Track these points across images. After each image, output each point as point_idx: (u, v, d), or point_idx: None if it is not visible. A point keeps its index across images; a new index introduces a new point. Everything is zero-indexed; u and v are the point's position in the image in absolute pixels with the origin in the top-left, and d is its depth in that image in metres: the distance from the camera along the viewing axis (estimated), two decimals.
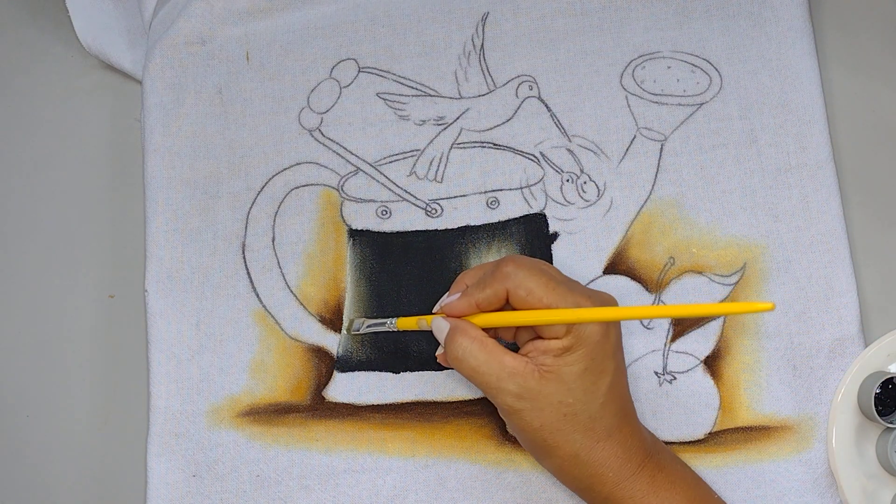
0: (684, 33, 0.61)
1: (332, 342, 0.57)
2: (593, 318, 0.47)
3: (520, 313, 0.48)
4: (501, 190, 0.59)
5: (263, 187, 0.59)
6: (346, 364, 0.57)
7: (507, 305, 0.49)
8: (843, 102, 0.62)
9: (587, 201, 0.59)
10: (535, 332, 0.49)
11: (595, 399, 0.48)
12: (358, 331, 0.57)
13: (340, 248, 0.59)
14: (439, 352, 0.52)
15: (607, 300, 0.50)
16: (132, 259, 0.60)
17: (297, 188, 0.59)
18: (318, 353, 0.57)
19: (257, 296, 0.58)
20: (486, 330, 0.50)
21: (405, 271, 0.58)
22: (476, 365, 0.48)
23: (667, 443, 0.56)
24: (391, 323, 0.54)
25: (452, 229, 0.59)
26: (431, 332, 0.51)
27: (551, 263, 0.58)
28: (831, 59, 0.62)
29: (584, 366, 0.48)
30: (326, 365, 0.57)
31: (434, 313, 0.52)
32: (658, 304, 0.58)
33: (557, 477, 0.51)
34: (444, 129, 0.60)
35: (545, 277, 0.48)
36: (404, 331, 0.55)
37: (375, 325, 0.55)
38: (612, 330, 0.49)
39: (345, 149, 0.60)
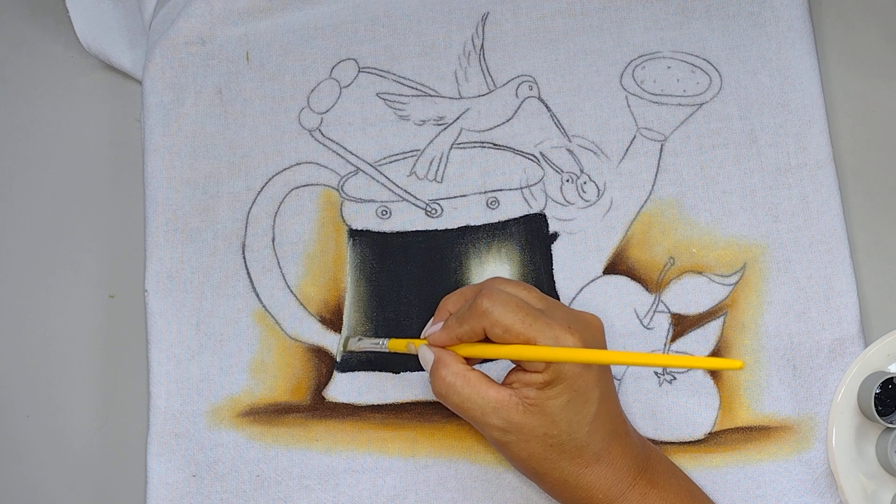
0: (684, 33, 0.61)
1: (332, 342, 0.57)
2: (569, 358, 0.46)
3: (500, 347, 0.48)
4: (501, 190, 0.59)
5: (263, 187, 0.59)
6: (347, 364, 0.57)
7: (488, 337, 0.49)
8: (843, 102, 0.62)
9: (587, 201, 0.59)
10: (518, 363, 0.49)
11: (581, 428, 0.48)
12: (353, 349, 0.57)
13: (340, 248, 0.59)
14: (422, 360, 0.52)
15: (588, 325, 0.49)
16: (132, 259, 0.60)
17: (297, 188, 0.59)
18: (318, 353, 0.57)
19: (257, 296, 0.58)
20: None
21: (405, 271, 0.58)
22: (460, 401, 0.49)
23: (666, 443, 0.56)
24: (383, 344, 0.55)
25: (452, 229, 0.59)
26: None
27: (551, 264, 0.58)
28: (831, 59, 0.62)
29: (568, 398, 0.47)
30: (326, 365, 0.57)
31: (423, 338, 0.52)
32: (658, 304, 0.58)
33: (552, 497, 0.51)
34: (444, 129, 0.60)
35: (522, 312, 0.47)
36: (395, 352, 0.55)
37: (370, 344, 0.56)
38: None
39: (345, 149, 0.60)
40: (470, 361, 0.51)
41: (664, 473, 0.51)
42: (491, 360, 0.56)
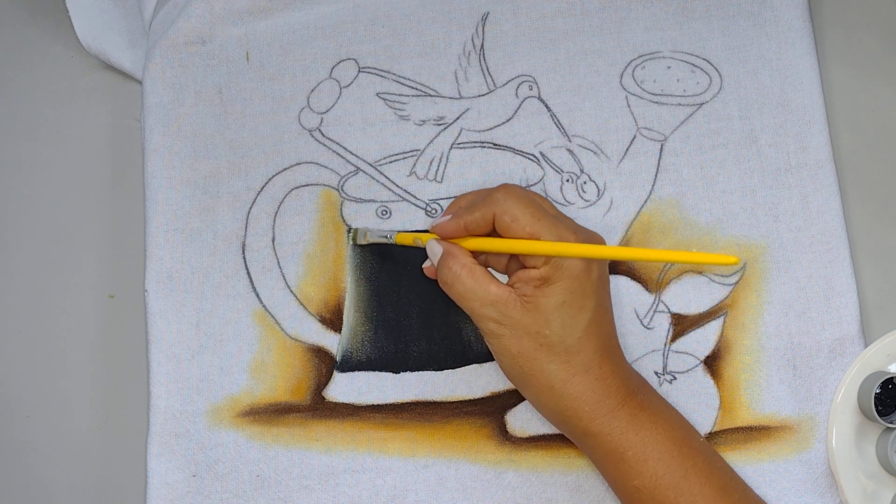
0: (684, 33, 0.61)
1: (332, 342, 0.57)
2: (568, 252, 0.48)
3: (502, 241, 0.49)
4: None
5: (263, 187, 0.59)
6: (347, 364, 0.57)
7: (495, 231, 0.50)
8: (843, 102, 0.62)
9: (587, 201, 0.59)
10: (521, 263, 0.50)
11: (572, 333, 0.49)
12: (362, 243, 0.58)
13: (340, 248, 0.59)
14: (427, 265, 0.54)
15: (593, 237, 0.50)
16: (132, 259, 0.60)
17: (297, 188, 0.59)
18: (318, 353, 0.57)
19: (257, 296, 0.58)
20: (476, 256, 0.51)
21: (405, 271, 0.58)
22: (463, 290, 0.50)
23: None
24: (391, 236, 0.56)
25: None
26: (426, 250, 0.53)
27: None
28: (831, 59, 0.62)
29: (562, 299, 0.49)
30: (326, 365, 0.57)
31: (429, 231, 0.53)
32: (658, 304, 0.58)
33: (536, 408, 0.52)
34: (444, 129, 0.60)
35: (533, 207, 0.49)
36: (402, 245, 0.56)
37: (377, 236, 0.57)
38: (595, 268, 0.50)
39: (345, 149, 0.60)
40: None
41: (657, 401, 0.52)
42: (496, 271, 0.55)
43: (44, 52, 0.64)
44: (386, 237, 0.56)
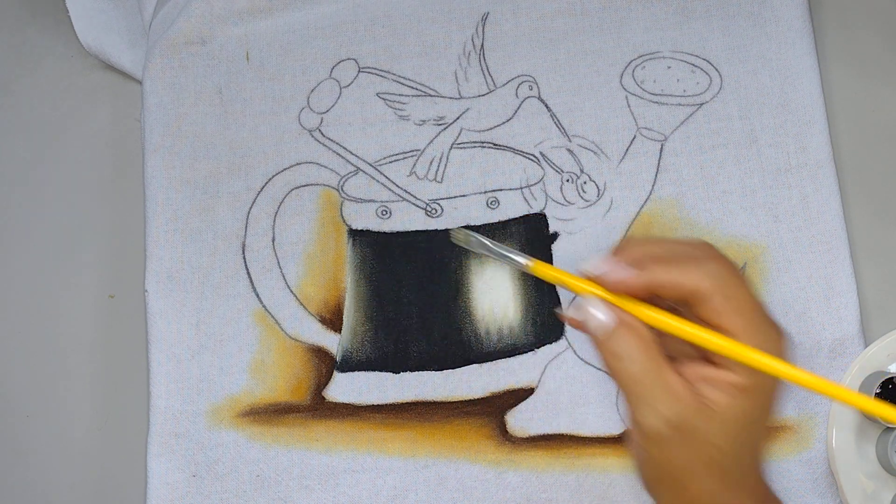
0: (684, 33, 0.61)
1: (332, 342, 0.57)
2: (803, 384, 0.39)
3: (713, 337, 0.39)
4: (501, 190, 0.59)
5: (263, 187, 0.59)
6: (347, 364, 0.57)
7: (655, 299, 0.41)
8: (843, 102, 0.62)
9: (587, 201, 0.59)
10: (704, 354, 0.41)
11: (749, 453, 0.41)
12: (471, 244, 0.44)
13: (340, 248, 0.59)
14: (570, 313, 0.42)
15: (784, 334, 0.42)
16: (132, 259, 0.60)
17: (297, 188, 0.59)
18: (318, 353, 0.57)
19: (257, 296, 0.58)
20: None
21: (405, 271, 0.58)
22: (634, 372, 0.40)
23: None
24: (525, 262, 0.42)
25: (452, 229, 0.58)
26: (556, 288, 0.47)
27: (551, 264, 0.58)
28: (831, 59, 0.62)
29: (757, 415, 0.40)
30: (326, 365, 0.57)
31: (586, 273, 0.41)
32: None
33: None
34: (444, 129, 0.60)
35: (755, 303, 0.40)
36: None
37: (499, 250, 0.42)
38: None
39: (345, 149, 0.60)
40: None
41: None
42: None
43: (44, 52, 0.64)
44: (513, 258, 0.42)
